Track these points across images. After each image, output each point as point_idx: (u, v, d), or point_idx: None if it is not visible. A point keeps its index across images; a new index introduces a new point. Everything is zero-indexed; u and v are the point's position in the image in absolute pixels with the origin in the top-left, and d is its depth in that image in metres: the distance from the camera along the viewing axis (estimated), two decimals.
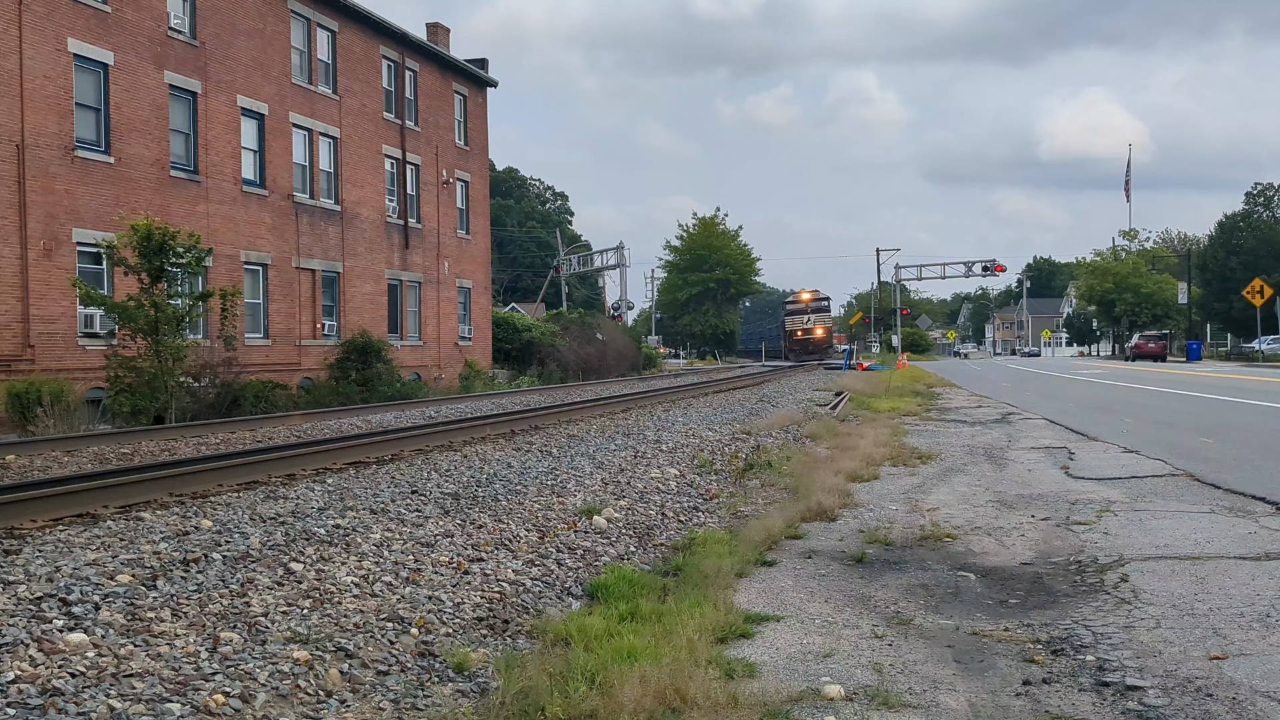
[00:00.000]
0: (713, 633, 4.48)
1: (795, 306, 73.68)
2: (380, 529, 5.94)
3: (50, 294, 20.34)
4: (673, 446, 10.93)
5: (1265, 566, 5.55)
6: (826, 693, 3.80)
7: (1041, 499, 8.12)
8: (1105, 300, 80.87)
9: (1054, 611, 4.93)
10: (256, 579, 4.68)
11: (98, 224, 21.11)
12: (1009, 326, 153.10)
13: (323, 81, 29.50)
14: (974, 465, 10.39)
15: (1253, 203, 72.05)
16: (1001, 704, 3.74)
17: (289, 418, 17.31)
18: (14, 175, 19.81)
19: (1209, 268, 70.31)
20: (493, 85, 39.50)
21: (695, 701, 3.61)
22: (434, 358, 34.14)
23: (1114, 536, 6.52)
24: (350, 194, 30.49)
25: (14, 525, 6.09)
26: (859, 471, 9.71)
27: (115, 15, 22.18)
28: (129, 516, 6.43)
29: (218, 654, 3.76)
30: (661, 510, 7.63)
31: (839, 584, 5.60)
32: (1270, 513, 7.12)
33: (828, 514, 7.51)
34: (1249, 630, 4.42)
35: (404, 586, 4.89)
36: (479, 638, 4.48)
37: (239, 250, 25.86)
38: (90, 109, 21.72)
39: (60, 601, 4.12)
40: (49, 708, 3.17)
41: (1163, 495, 8.05)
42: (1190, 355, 55.10)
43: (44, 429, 16.02)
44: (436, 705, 3.68)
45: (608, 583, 5.31)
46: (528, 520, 6.64)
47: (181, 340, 18.39)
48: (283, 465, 8.87)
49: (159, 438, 13.82)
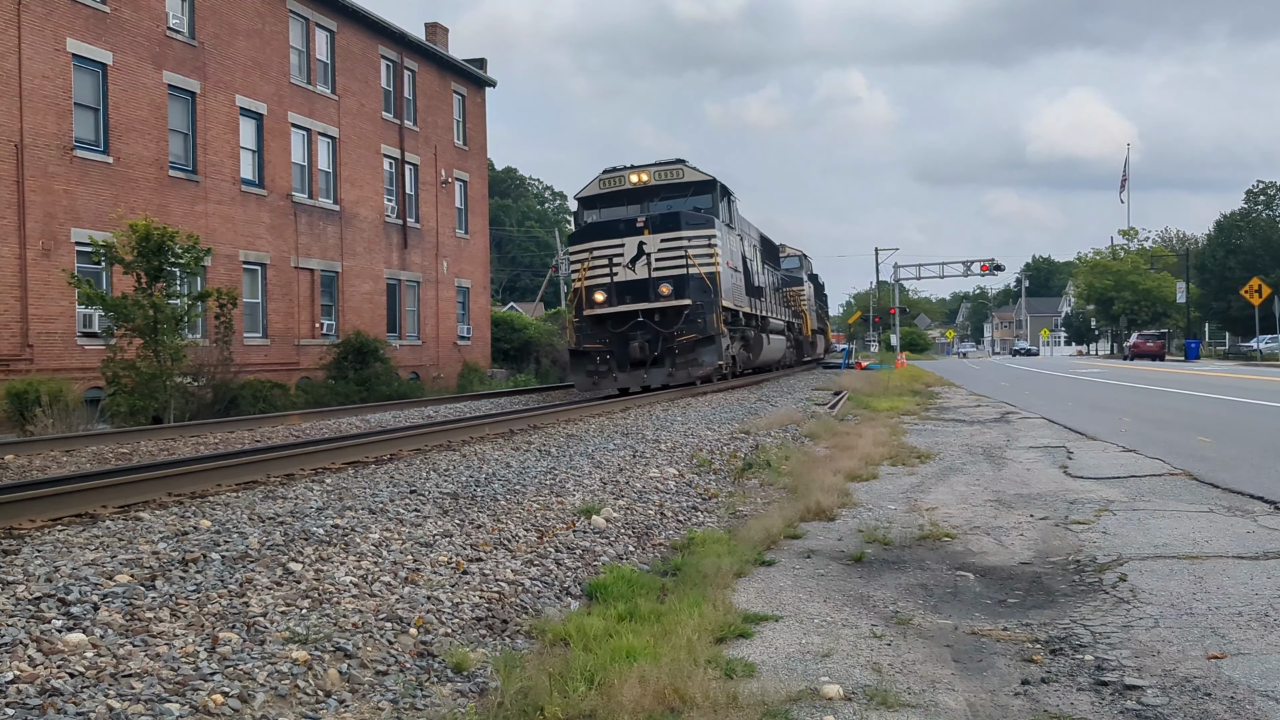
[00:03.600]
0: (712, 632, 4.48)
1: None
2: (379, 529, 5.94)
3: (49, 294, 20.34)
4: (671, 446, 10.93)
5: (1263, 566, 5.55)
6: (825, 692, 3.81)
7: (1040, 498, 8.13)
8: (1104, 298, 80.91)
9: (1052, 611, 4.93)
10: (255, 579, 4.68)
11: (96, 224, 21.10)
12: (1007, 325, 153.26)
13: (321, 81, 29.48)
14: (973, 465, 10.39)
15: (1253, 201, 72.03)
16: (1000, 703, 3.74)
17: (287, 417, 17.30)
18: (13, 175, 19.80)
19: (1207, 267, 70.33)
20: (491, 85, 39.51)
21: (694, 701, 3.61)
22: (433, 357, 34.14)
23: (1112, 536, 6.52)
24: (349, 194, 30.48)
25: (12, 525, 6.09)
26: (858, 471, 9.71)
27: (114, 15, 22.16)
28: (128, 516, 6.43)
29: (216, 654, 3.76)
30: (660, 510, 7.63)
31: (838, 584, 5.60)
32: (1268, 512, 7.13)
33: (826, 513, 7.51)
34: (1247, 629, 4.43)
35: (403, 586, 4.89)
36: (478, 638, 4.48)
37: (238, 250, 25.85)
38: (89, 109, 21.71)
39: (59, 601, 4.12)
40: (48, 708, 3.16)
41: (1161, 494, 8.05)
42: (1188, 354, 55.13)
43: (42, 429, 16.01)
44: (435, 705, 3.68)
45: (606, 582, 5.31)
46: (526, 520, 6.64)
47: (180, 340, 18.40)
48: (281, 465, 8.86)
49: (157, 437, 13.81)
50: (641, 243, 20.02)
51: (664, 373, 19.86)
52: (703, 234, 20.42)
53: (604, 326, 20.16)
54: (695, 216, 20.70)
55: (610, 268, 20.02)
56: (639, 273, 19.96)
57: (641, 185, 21.35)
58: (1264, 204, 71.72)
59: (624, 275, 20.04)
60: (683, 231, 20.16)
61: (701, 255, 20.19)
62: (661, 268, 19.97)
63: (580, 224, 21.99)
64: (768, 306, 28.26)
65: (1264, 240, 67.34)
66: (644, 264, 19.97)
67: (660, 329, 19.75)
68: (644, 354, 19.70)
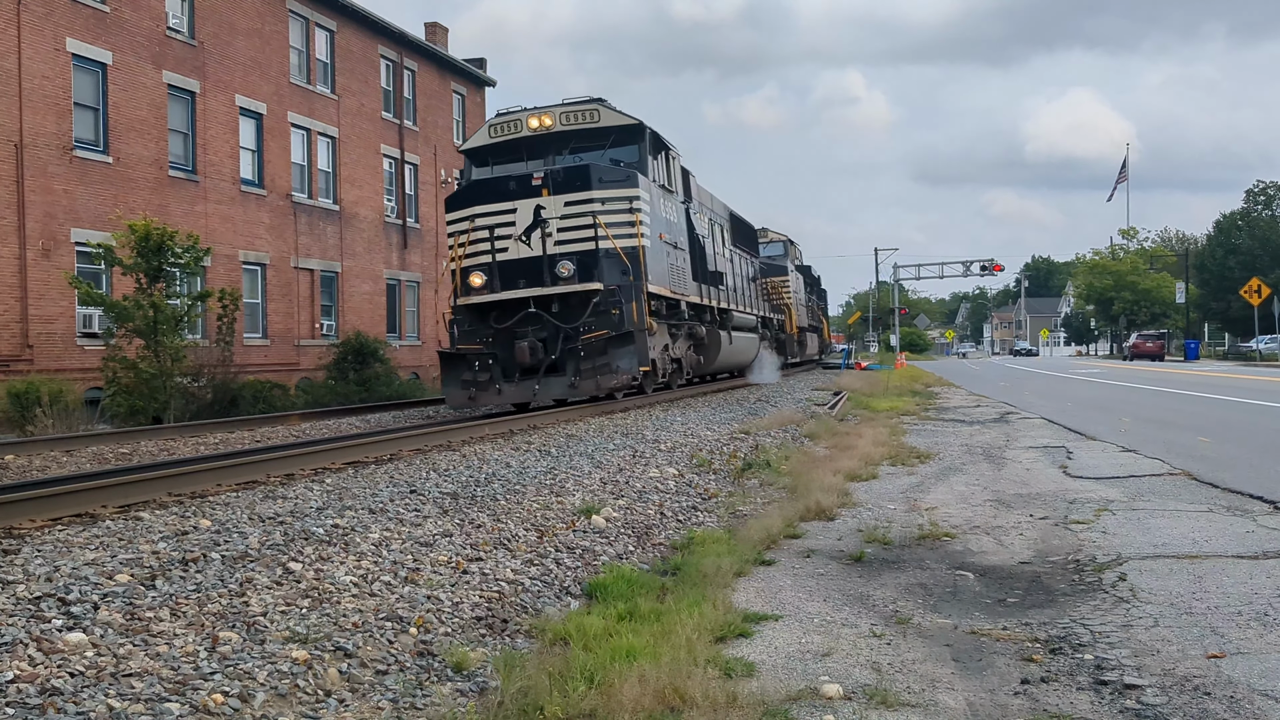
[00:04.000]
0: (711, 632, 4.48)
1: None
2: (379, 528, 5.94)
3: (49, 294, 20.34)
4: (671, 446, 10.93)
5: (1263, 565, 5.55)
6: (825, 692, 3.81)
7: (1040, 498, 8.13)
8: (1103, 298, 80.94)
9: (1052, 610, 4.93)
10: (255, 578, 4.68)
11: (96, 224, 21.10)
12: (1007, 326, 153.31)
13: (321, 81, 29.49)
14: (972, 464, 10.39)
15: (1253, 200, 72.05)
16: (1000, 703, 3.74)
17: (287, 418, 17.30)
18: (12, 175, 19.80)
19: (1207, 267, 70.36)
20: (491, 85, 39.52)
21: (694, 700, 3.61)
22: (433, 357, 34.14)
23: (1112, 535, 6.53)
24: (349, 194, 30.48)
25: (13, 525, 6.09)
26: (857, 471, 9.71)
27: (113, 15, 22.16)
28: (128, 516, 6.43)
29: (216, 653, 3.76)
30: (660, 510, 7.63)
31: (837, 583, 5.60)
32: (1268, 511, 7.13)
33: (826, 513, 7.51)
34: (1247, 629, 4.43)
35: (403, 586, 4.89)
36: (478, 637, 4.49)
37: (237, 250, 25.85)
38: (89, 109, 21.72)
39: (59, 601, 4.12)
40: (48, 707, 3.17)
41: (1160, 494, 8.05)
42: (1188, 354, 55.17)
43: (43, 429, 16.02)
44: (435, 705, 3.68)
45: (606, 582, 5.31)
46: (526, 520, 6.64)
47: (180, 340, 18.40)
48: (281, 465, 8.86)
49: (157, 438, 13.81)
50: (539, 207, 15.32)
51: (563, 383, 15.31)
52: (620, 194, 15.62)
53: (486, 321, 15.66)
54: (612, 171, 15.85)
55: (493, 241, 15.39)
56: (534, 248, 15.34)
57: (544, 132, 16.35)
58: (1263, 204, 71.75)
59: (514, 252, 15.38)
60: (594, 191, 15.39)
61: (619, 223, 15.43)
62: (565, 240, 15.33)
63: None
64: (735, 298, 23.48)
65: (1263, 240, 67.35)
66: (541, 236, 15.30)
67: (560, 323, 15.31)
68: (536, 358, 15.14)
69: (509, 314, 15.53)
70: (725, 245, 23.42)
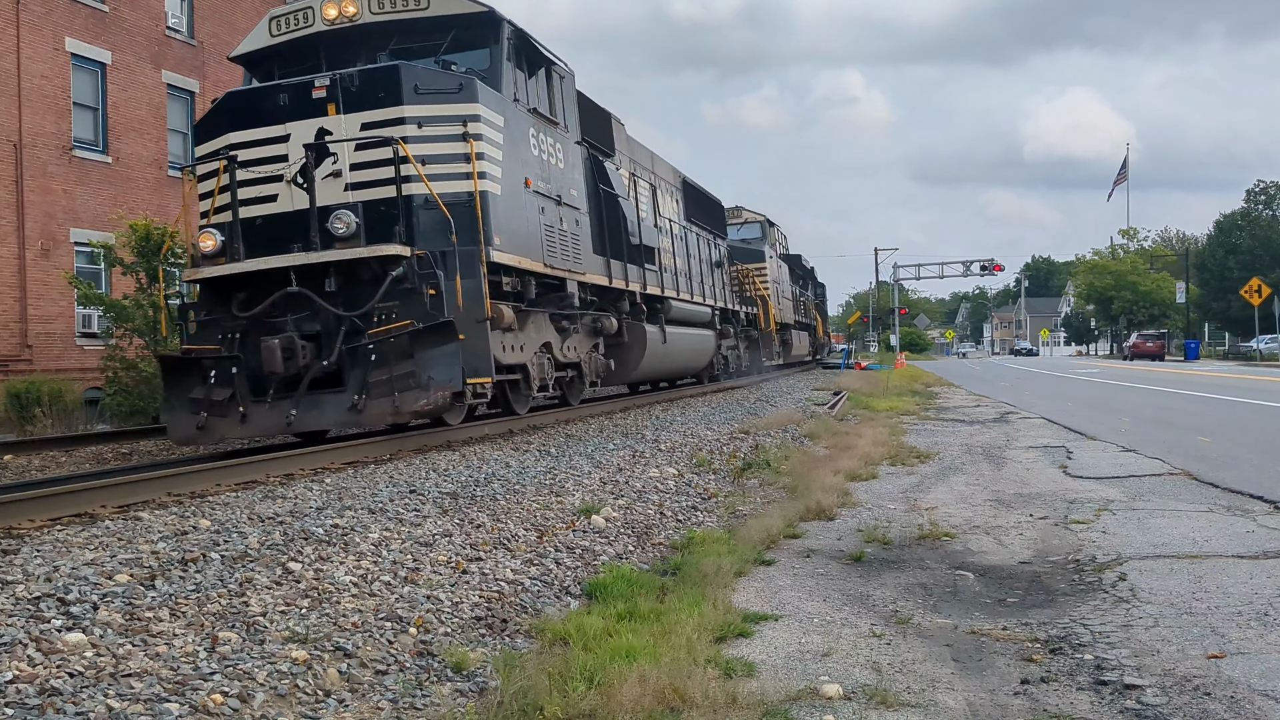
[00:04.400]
0: (711, 632, 4.48)
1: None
2: (379, 528, 5.94)
3: (48, 294, 20.34)
4: (671, 446, 10.93)
5: (1263, 565, 5.55)
6: (825, 692, 3.81)
7: (1040, 498, 8.13)
8: (1104, 298, 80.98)
9: (1052, 610, 4.93)
10: (255, 578, 4.68)
11: (95, 224, 21.10)
12: (1007, 326, 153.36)
13: None
14: (972, 464, 10.39)
15: (1254, 200, 72.09)
16: (1000, 703, 3.74)
17: None
18: (12, 175, 19.80)
19: (1207, 267, 70.40)
20: None
21: (694, 700, 3.61)
22: None
23: (1112, 535, 6.53)
24: None
25: (12, 525, 6.09)
26: (857, 471, 9.71)
27: (113, 15, 22.17)
28: (127, 516, 6.43)
29: (216, 654, 3.76)
30: (660, 509, 7.63)
31: (837, 583, 5.60)
32: (1268, 511, 7.13)
33: (826, 513, 7.51)
34: (1247, 629, 4.43)
35: (402, 586, 4.89)
36: (477, 637, 4.48)
37: None
38: (88, 108, 21.72)
39: (58, 601, 4.11)
40: (47, 708, 3.16)
41: (1161, 494, 8.05)
42: (1188, 354, 55.18)
43: (42, 429, 16.02)
44: (435, 705, 3.68)
45: (606, 582, 5.31)
46: (526, 520, 6.64)
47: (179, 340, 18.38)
48: (281, 465, 8.86)
49: (157, 437, 13.81)
50: (321, 130, 10.23)
51: (340, 404, 9.85)
52: (448, 113, 10.38)
53: (227, 306, 10.34)
54: (435, 77, 10.62)
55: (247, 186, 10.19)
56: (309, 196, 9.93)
57: (347, 24, 11.08)
58: (1263, 204, 71.79)
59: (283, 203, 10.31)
60: (405, 108, 10.22)
61: (444, 155, 10.27)
62: (361, 184, 10.22)
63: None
64: (680, 283, 18.61)
65: (1264, 240, 67.39)
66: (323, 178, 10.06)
67: (338, 310, 9.91)
68: (297, 364, 9.80)
69: (261, 294, 10.08)
70: (669, 217, 18.58)
